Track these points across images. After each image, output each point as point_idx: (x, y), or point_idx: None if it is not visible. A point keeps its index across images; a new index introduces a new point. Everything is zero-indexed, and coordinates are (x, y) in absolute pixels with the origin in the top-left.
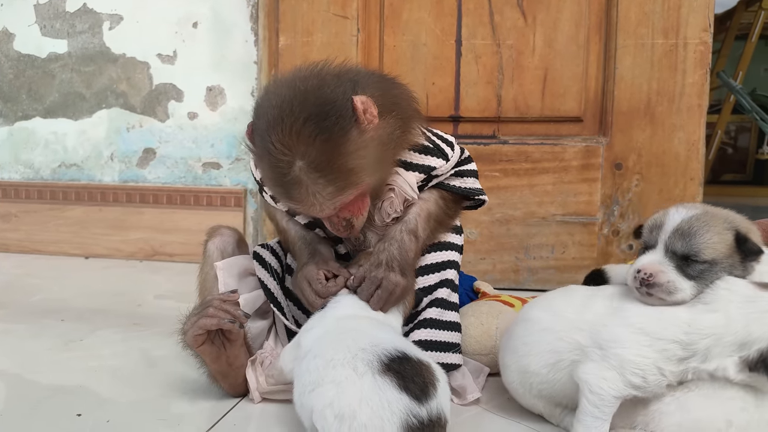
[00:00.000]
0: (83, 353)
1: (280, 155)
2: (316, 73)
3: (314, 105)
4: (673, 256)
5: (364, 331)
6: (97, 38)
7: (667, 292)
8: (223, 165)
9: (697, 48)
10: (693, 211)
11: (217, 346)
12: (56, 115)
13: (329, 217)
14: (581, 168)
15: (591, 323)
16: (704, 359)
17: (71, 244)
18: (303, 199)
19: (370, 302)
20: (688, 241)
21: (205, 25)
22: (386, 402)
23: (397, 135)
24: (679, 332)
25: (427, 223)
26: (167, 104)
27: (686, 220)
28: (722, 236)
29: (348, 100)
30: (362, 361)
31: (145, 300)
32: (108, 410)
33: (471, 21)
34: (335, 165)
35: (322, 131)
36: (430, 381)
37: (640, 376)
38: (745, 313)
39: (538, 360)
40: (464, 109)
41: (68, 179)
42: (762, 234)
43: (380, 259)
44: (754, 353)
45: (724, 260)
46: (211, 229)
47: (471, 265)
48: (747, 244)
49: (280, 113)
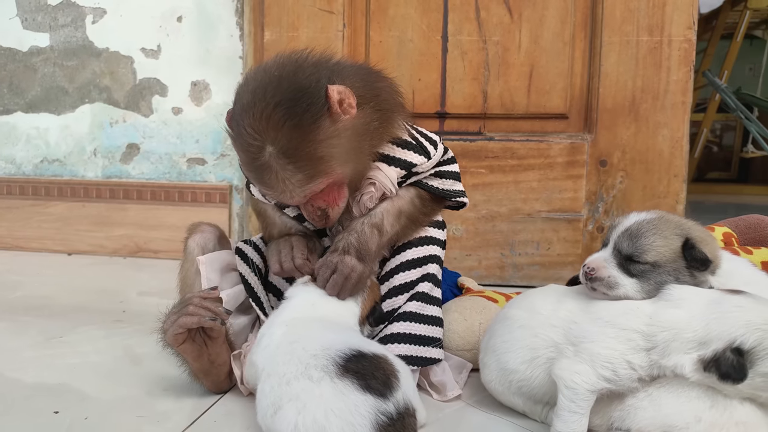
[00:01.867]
0: (64, 350)
1: (251, 140)
2: (294, 60)
3: (287, 90)
4: (618, 254)
5: (313, 336)
6: (80, 32)
7: (607, 286)
8: (208, 161)
9: (682, 45)
10: (649, 216)
11: (199, 344)
12: (38, 110)
13: (304, 206)
14: (566, 165)
15: (564, 321)
16: (663, 353)
17: (54, 241)
18: (273, 185)
19: (326, 287)
20: (633, 242)
21: (190, 19)
22: (353, 406)
23: (375, 126)
24: (640, 323)
25: (396, 220)
26: (151, 99)
27: (637, 223)
28: (668, 241)
29: (322, 89)
30: (316, 368)
31: (128, 297)
32: (87, 407)
33: (457, 17)
34: (304, 152)
35: (291, 117)
36: (391, 373)
37: (610, 369)
38: (707, 312)
39: (515, 357)
40: (450, 105)
41: (51, 175)
42: (745, 231)
43: (337, 246)
44: (709, 353)
45: (668, 264)
46: (191, 226)
47: (457, 261)
48: (693, 251)
49: (254, 98)
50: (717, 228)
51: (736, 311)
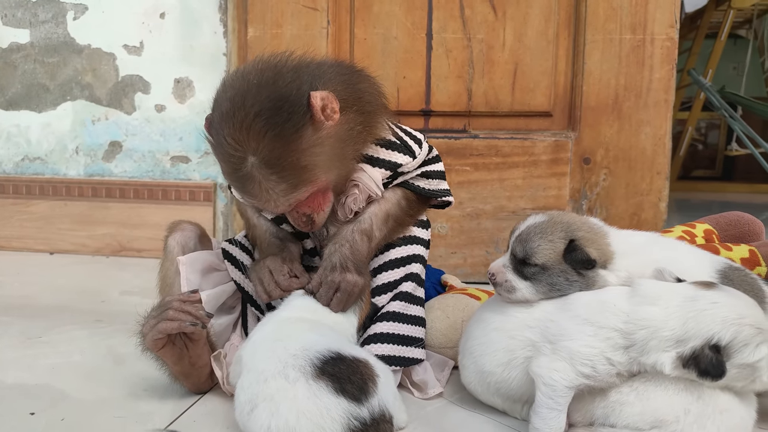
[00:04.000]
0: (45, 350)
1: (232, 150)
2: (273, 65)
3: (267, 99)
4: (514, 258)
5: (295, 336)
6: (61, 28)
7: (506, 290)
8: (192, 159)
9: (664, 44)
10: (540, 219)
11: (179, 347)
12: (19, 107)
13: (289, 213)
14: (550, 162)
15: (540, 320)
16: (642, 351)
17: (36, 240)
18: (257, 195)
19: (331, 305)
20: (523, 246)
21: (173, 16)
22: (324, 410)
23: (359, 131)
24: (618, 321)
25: (384, 224)
26: (134, 96)
27: (528, 227)
28: (553, 244)
29: (304, 96)
30: (293, 368)
31: (110, 296)
32: (64, 408)
33: (442, 15)
34: (287, 162)
35: (272, 127)
36: (369, 378)
37: (589, 366)
38: (683, 310)
39: (492, 359)
40: (435, 103)
41: (32, 173)
42: (726, 227)
43: (333, 261)
44: (688, 350)
45: (556, 266)
46: (171, 224)
47: (442, 259)
48: (573, 254)
49: (233, 107)
50: (698, 225)
51: (712, 308)
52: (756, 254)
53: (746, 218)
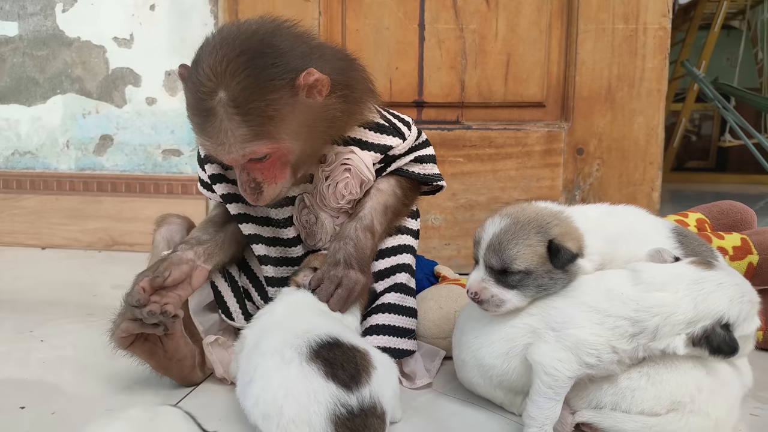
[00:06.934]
0: (37, 345)
1: (205, 80)
2: (277, 24)
3: (258, 44)
4: (492, 271)
5: (303, 318)
6: (50, 20)
7: (494, 305)
8: (184, 152)
9: (657, 33)
10: (503, 223)
11: (152, 342)
12: (8, 101)
13: (240, 172)
14: (544, 153)
15: (541, 307)
16: (653, 337)
17: (27, 235)
18: (214, 135)
19: (330, 302)
20: (500, 256)
21: (163, 8)
22: (312, 392)
23: (336, 115)
24: (628, 309)
25: (383, 217)
26: (124, 89)
27: (496, 235)
28: (532, 248)
29: (294, 56)
30: (291, 348)
31: (102, 290)
32: (55, 402)
33: (434, 5)
34: (255, 106)
35: (252, 68)
36: (363, 368)
37: (594, 356)
38: (693, 293)
39: (491, 350)
40: (428, 94)
41: (22, 167)
42: (718, 216)
43: (337, 258)
44: (699, 330)
45: (539, 268)
46: (159, 218)
47: (436, 251)
48: (558, 255)
49: (221, 41)
50: (691, 214)
51: (719, 289)
52: (748, 243)
53: (738, 207)
